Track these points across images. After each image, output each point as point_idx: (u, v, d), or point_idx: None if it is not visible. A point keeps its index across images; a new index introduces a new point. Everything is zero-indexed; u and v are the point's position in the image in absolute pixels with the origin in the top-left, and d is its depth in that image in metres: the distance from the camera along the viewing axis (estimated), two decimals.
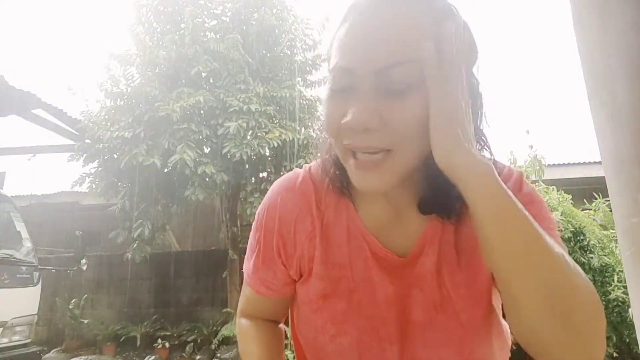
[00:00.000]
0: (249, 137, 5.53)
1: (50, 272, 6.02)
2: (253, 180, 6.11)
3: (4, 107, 5.93)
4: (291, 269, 0.67)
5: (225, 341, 5.97)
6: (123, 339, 6.79)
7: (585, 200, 5.04)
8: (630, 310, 3.12)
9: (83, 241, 5.14)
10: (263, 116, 5.57)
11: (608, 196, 1.57)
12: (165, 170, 5.67)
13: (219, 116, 5.60)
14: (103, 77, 5.98)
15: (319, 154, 0.66)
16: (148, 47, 6.02)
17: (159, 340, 6.41)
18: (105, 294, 7.66)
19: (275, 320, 0.77)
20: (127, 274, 7.53)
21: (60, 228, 8.68)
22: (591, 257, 4.04)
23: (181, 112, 5.38)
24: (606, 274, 4.00)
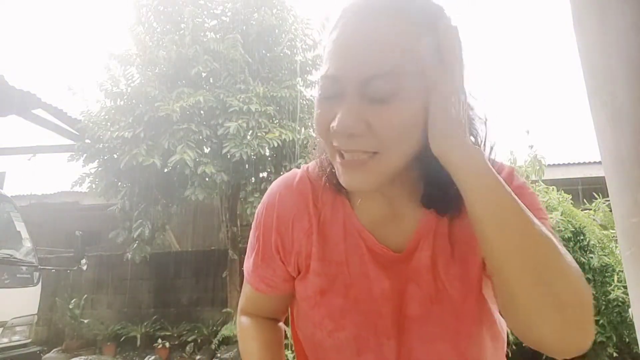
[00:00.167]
0: (249, 137, 5.53)
1: (50, 272, 6.02)
2: (253, 180, 6.10)
3: (4, 107, 5.93)
4: (289, 265, 0.68)
5: (225, 341, 5.97)
6: (123, 339, 6.79)
7: (585, 200, 5.04)
8: (630, 310, 3.11)
9: (83, 241, 5.15)
10: (263, 116, 5.57)
11: (608, 196, 1.57)
12: (165, 170, 5.68)
13: (219, 116, 5.60)
14: (103, 77, 5.98)
15: (316, 154, 0.68)
16: (148, 47, 6.02)
17: (159, 340, 6.41)
18: (105, 294, 7.67)
19: (275, 319, 0.78)
20: (127, 274, 7.54)
21: (60, 228, 8.68)
22: (591, 257, 4.04)
23: (181, 112, 5.38)
24: (606, 274, 4.00)
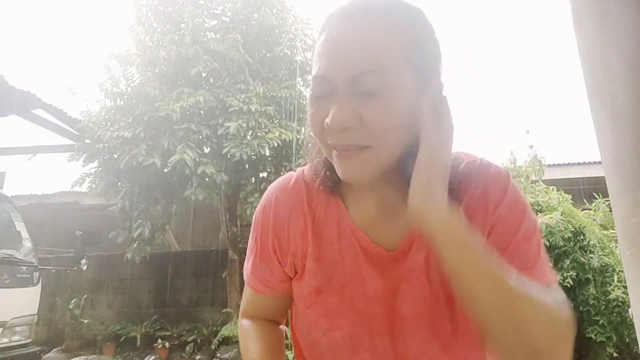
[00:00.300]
0: (249, 137, 5.53)
1: (50, 272, 6.02)
2: (253, 180, 6.11)
3: (4, 107, 5.93)
4: (286, 265, 0.70)
5: (225, 341, 5.96)
6: (123, 339, 6.79)
7: (585, 200, 5.04)
8: (630, 310, 3.11)
9: (83, 241, 5.14)
10: (263, 116, 5.57)
11: (608, 196, 1.57)
12: (165, 170, 5.67)
13: (219, 116, 5.60)
14: (103, 77, 5.98)
15: (310, 158, 0.70)
16: (148, 47, 6.03)
17: (159, 340, 6.41)
18: (105, 294, 7.66)
19: (276, 321, 0.80)
20: (127, 274, 7.54)
21: (60, 228, 8.68)
22: (591, 257, 4.04)
23: (181, 112, 5.38)
24: (606, 274, 4.01)
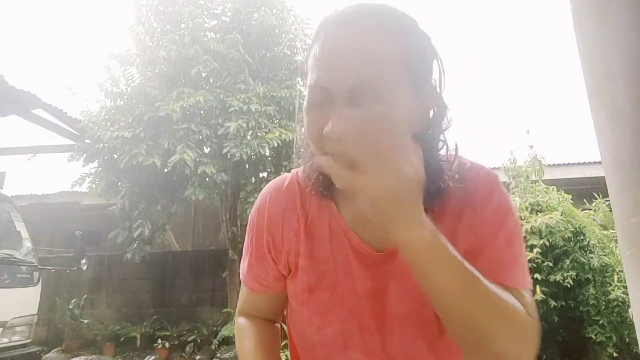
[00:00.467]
0: (249, 137, 5.53)
1: (50, 272, 6.01)
2: (253, 180, 6.11)
3: (4, 107, 5.92)
4: (280, 264, 0.72)
5: (225, 341, 5.96)
6: (123, 339, 6.79)
7: (585, 200, 5.04)
8: (630, 310, 3.11)
9: (83, 241, 5.14)
10: (263, 116, 5.57)
11: (608, 196, 1.57)
12: (165, 170, 5.67)
13: (219, 116, 5.59)
14: (103, 77, 5.98)
15: (302, 162, 0.71)
16: (148, 47, 6.02)
17: (159, 341, 6.41)
18: (105, 294, 7.66)
19: (272, 320, 0.82)
20: (127, 274, 7.54)
21: (60, 228, 8.68)
22: (591, 257, 4.04)
23: (181, 112, 5.37)
24: (606, 274, 4.01)
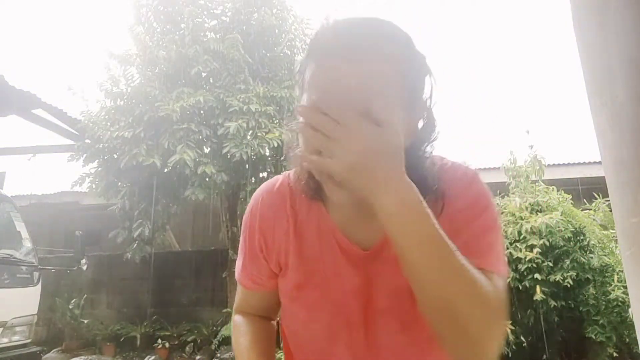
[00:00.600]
0: (249, 137, 5.54)
1: (50, 272, 6.01)
2: (253, 180, 6.10)
3: (4, 107, 5.92)
4: (271, 263, 0.75)
5: (225, 341, 5.96)
6: (123, 339, 6.78)
7: (585, 200, 5.05)
8: (630, 310, 3.12)
9: (83, 241, 5.13)
10: (263, 116, 5.57)
11: (608, 196, 1.57)
12: (165, 170, 5.67)
13: (219, 116, 5.60)
14: (103, 77, 5.99)
15: (294, 164, 0.72)
16: (148, 47, 6.02)
17: (159, 340, 6.40)
18: (105, 294, 7.66)
19: (268, 317, 0.85)
20: (127, 274, 7.53)
21: (60, 228, 8.68)
22: (591, 257, 4.04)
23: (181, 112, 5.38)
24: (606, 274, 4.01)
